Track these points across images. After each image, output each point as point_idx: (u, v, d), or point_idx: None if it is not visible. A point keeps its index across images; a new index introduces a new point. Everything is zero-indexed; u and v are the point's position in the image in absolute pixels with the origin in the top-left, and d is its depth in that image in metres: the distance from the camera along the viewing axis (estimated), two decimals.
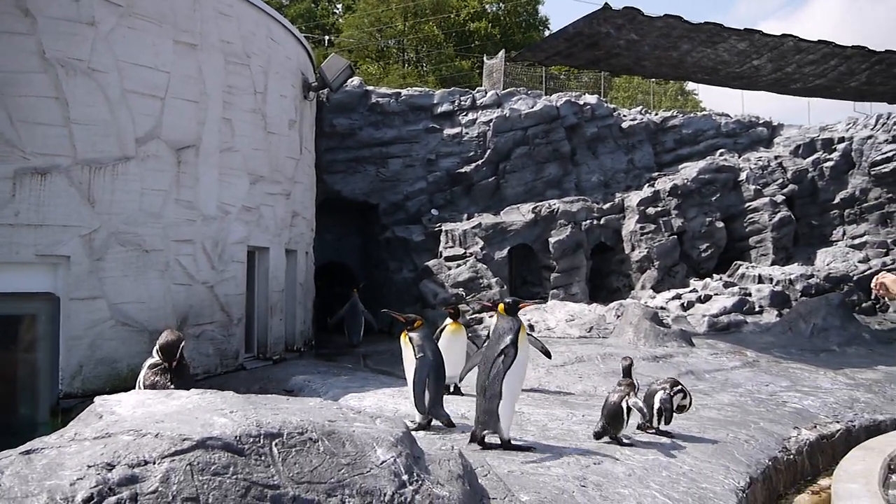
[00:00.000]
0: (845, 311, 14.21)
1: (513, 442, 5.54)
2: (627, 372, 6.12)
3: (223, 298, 11.09)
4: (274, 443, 3.10)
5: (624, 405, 5.84)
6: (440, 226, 17.53)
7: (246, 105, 11.82)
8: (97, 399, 3.59)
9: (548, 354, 6.34)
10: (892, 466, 5.53)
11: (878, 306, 17.48)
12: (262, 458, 3.02)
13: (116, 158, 9.61)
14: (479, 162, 18.63)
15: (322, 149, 17.26)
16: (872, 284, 5.41)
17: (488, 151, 18.69)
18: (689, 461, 5.51)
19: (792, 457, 6.46)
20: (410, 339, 6.41)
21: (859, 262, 18.79)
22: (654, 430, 6.25)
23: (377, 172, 18.32)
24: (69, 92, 9.20)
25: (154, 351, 5.69)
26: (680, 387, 6.33)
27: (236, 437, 3.03)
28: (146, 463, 2.80)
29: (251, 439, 3.06)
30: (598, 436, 5.99)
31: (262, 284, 12.59)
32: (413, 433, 3.92)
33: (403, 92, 19.33)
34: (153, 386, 5.46)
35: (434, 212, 18.10)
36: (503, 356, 5.34)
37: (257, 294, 12.51)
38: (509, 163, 18.79)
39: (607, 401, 5.98)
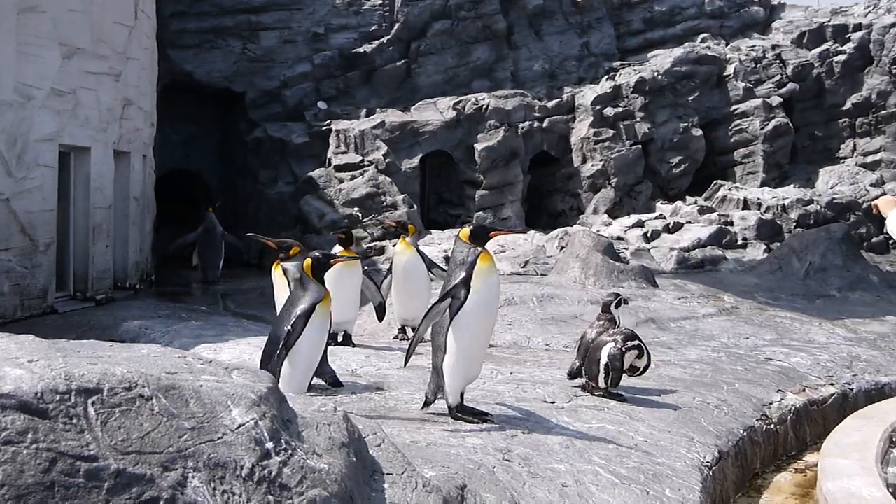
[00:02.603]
0: (850, 248, 14.79)
1: (465, 406, 5.57)
2: (606, 308, 6.89)
3: (24, 216, 10.77)
4: (90, 401, 3.06)
5: (605, 350, 6.39)
6: (329, 124, 17.38)
7: None
8: None
9: None
10: (893, 439, 5.83)
11: (891, 242, 18.11)
12: (74, 421, 2.97)
13: None
14: (384, 39, 18.45)
15: (167, 14, 16.73)
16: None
17: (396, 25, 18.51)
18: (644, 431, 5.72)
19: (773, 426, 6.78)
20: (285, 270, 6.38)
21: (871, 185, 19.46)
22: (600, 393, 6.45)
23: (244, 49, 17.97)
24: None
25: None
26: (636, 342, 6.49)
27: (37, 393, 2.97)
28: None
29: (58, 397, 3.01)
30: (571, 376, 6.79)
31: (81, 198, 12.28)
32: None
33: None
34: None
35: (321, 105, 17.90)
36: (450, 298, 5.36)
37: (74, 211, 12.20)
38: (424, 42, 18.66)
39: (584, 337, 6.77)
